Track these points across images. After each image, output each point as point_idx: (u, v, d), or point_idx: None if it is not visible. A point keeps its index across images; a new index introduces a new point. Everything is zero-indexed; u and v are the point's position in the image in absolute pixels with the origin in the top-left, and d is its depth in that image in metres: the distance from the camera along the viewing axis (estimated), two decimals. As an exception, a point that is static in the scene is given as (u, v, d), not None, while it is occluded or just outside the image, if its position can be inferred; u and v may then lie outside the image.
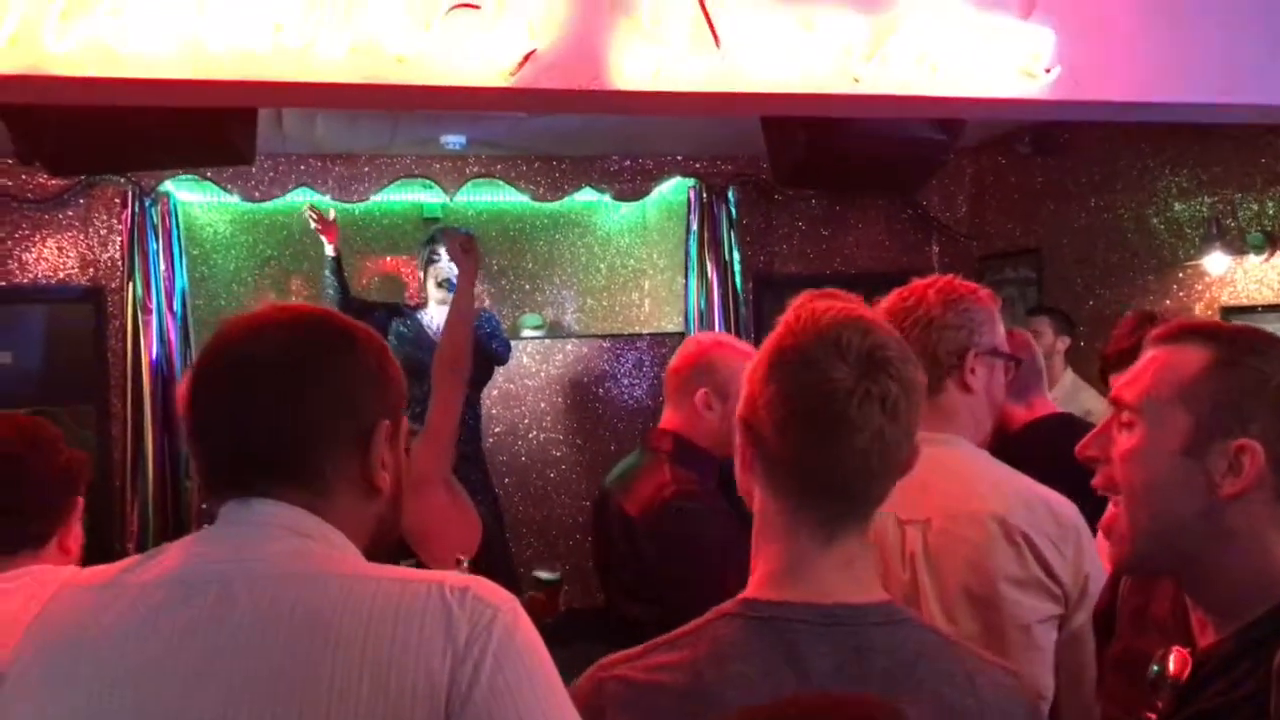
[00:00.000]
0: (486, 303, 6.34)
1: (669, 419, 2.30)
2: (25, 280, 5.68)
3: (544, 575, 2.69)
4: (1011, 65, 3.39)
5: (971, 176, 6.61)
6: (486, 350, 4.86)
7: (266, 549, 1.05)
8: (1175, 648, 1.20)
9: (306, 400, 1.11)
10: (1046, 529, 1.65)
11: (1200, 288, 5.03)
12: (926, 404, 1.68)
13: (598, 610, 2.44)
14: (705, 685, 1.06)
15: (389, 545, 1.22)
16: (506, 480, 5.96)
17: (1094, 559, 1.65)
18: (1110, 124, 4.76)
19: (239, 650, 0.98)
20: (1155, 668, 1.21)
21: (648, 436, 2.34)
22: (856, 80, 3.28)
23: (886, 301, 1.77)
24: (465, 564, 2.25)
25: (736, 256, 6.31)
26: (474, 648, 0.98)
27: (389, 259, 6.24)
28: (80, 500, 1.85)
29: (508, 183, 6.19)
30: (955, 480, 1.69)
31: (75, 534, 1.84)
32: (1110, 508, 1.24)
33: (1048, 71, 3.40)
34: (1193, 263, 5.01)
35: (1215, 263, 4.83)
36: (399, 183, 6.05)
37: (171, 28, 2.72)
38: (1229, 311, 4.82)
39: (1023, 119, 5.23)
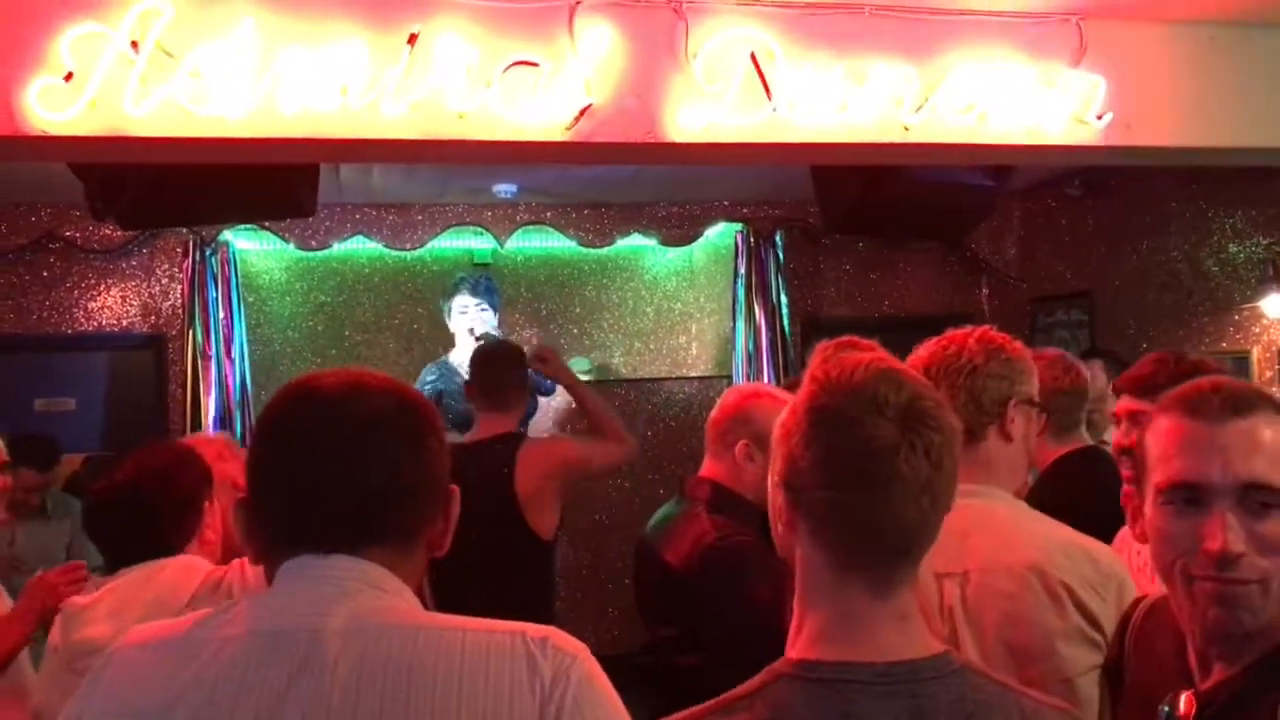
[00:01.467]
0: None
1: (708, 468, 2.31)
2: (90, 328, 5.84)
3: None
4: (1063, 112, 3.41)
5: (1021, 219, 6.60)
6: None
7: (352, 602, 1.07)
8: (1186, 691, 1.21)
9: (411, 463, 1.14)
10: (1087, 576, 1.63)
11: (1257, 330, 4.97)
12: (966, 454, 1.68)
13: (647, 649, 2.44)
14: None
15: None
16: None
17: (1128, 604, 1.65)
18: (1163, 167, 4.75)
19: (338, 703, 1.00)
20: (1166, 709, 1.21)
21: (685, 485, 2.34)
22: (906, 129, 3.32)
23: (925, 351, 1.77)
24: None
25: (784, 300, 6.34)
26: (556, 691, 1.03)
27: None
28: (206, 504, 2.14)
29: (557, 229, 6.28)
30: (992, 533, 1.68)
31: (214, 527, 2.14)
32: (1225, 587, 1.19)
33: (1099, 118, 3.42)
34: (1249, 305, 4.96)
35: (1273, 305, 4.78)
36: (451, 230, 6.16)
37: (245, 91, 2.83)
38: (1287, 354, 4.77)
39: (1074, 164, 5.23)
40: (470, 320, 4.94)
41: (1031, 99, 3.39)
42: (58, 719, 1.09)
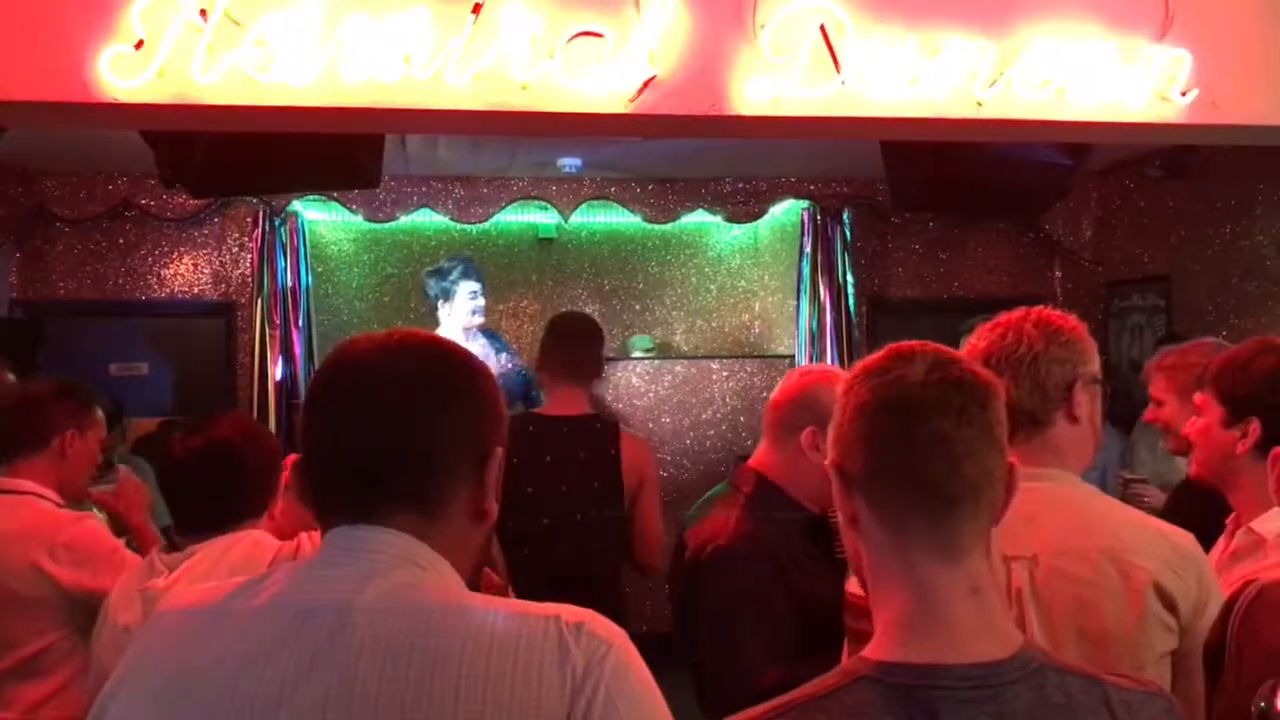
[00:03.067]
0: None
1: (759, 456, 2.19)
2: (163, 295, 5.97)
3: None
4: (1146, 88, 3.28)
5: (1097, 200, 6.41)
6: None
7: (382, 579, 1.05)
8: None
9: (439, 424, 1.12)
10: (1165, 558, 1.59)
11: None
12: (1033, 439, 1.66)
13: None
14: None
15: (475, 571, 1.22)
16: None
17: (1214, 587, 1.60)
18: (1248, 146, 4.57)
19: (361, 681, 0.98)
20: (1263, 704, 1.19)
21: (735, 471, 2.24)
22: (980, 105, 3.22)
23: (982, 340, 1.73)
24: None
25: (850, 279, 6.24)
26: (588, 682, 0.99)
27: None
28: (285, 478, 2.16)
29: (621, 204, 6.25)
30: (1062, 515, 1.64)
31: (281, 506, 2.17)
32: None
33: (1184, 95, 3.28)
34: (1338, 292, 4.76)
35: (1363, 293, 4.58)
36: (516, 204, 6.17)
37: (309, 59, 2.84)
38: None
39: (1156, 143, 5.05)
40: (478, 304, 4.90)
41: (1112, 74, 3.26)
42: None
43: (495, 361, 4.95)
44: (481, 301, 4.91)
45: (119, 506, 2.78)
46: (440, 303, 4.89)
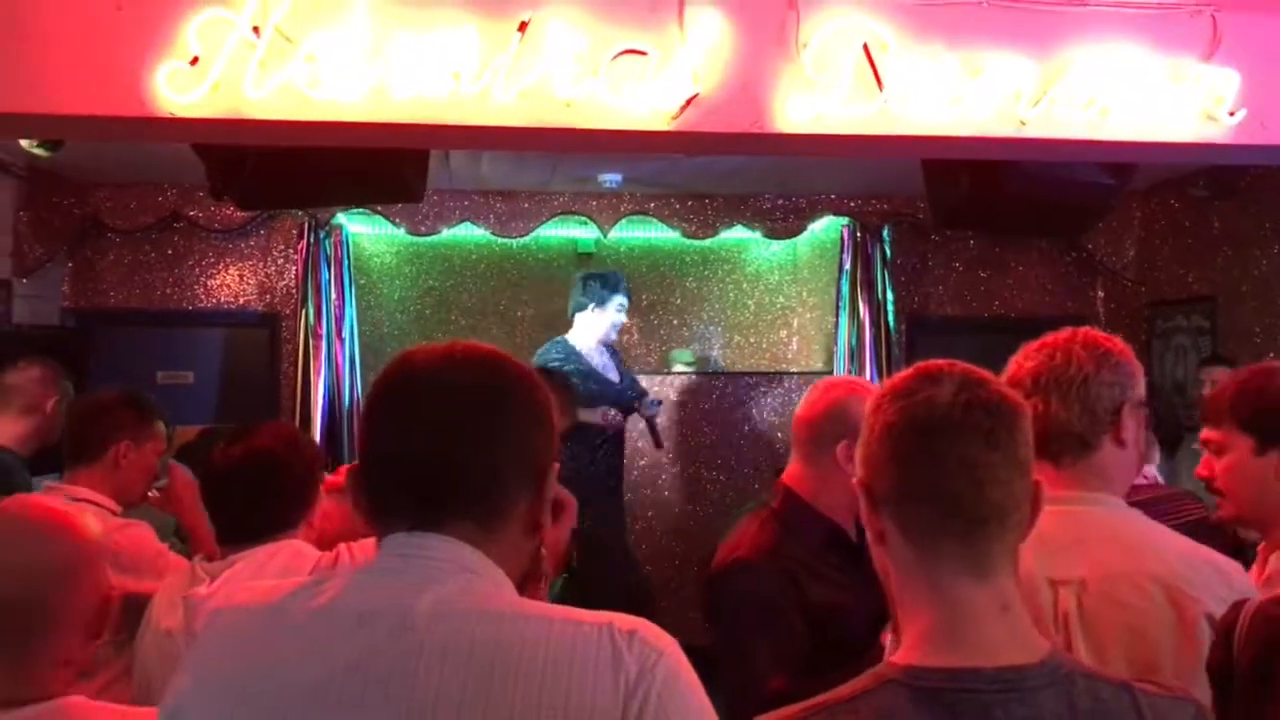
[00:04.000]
0: (635, 336, 6.43)
1: (791, 472, 2.18)
2: (209, 305, 6.07)
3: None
4: (1192, 108, 3.26)
5: (1141, 220, 6.34)
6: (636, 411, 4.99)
7: (440, 585, 1.06)
8: None
9: (499, 437, 1.13)
10: (1216, 590, 1.56)
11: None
12: (1083, 462, 1.65)
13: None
14: None
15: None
16: (650, 513, 6.00)
17: None
18: (1297, 167, 4.51)
19: (420, 684, 1.00)
20: None
21: (772, 484, 2.24)
22: (1023, 124, 3.21)
23: (1031, 362, 1.70)
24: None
25: (890, 297, 6.22)
26: (640, 688, 1.00)
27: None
28: (323, 487, 2.17)
29: (660, 220, 6.28)
30: (1112, 541, 1.62)
31: (321, 512, 2.17)
32: None
33: (1232, 114, 3.26)
34: (1388, 315, 4.68)
35: None
36: (556, 219, 6.21)
37: (359, 76, 2.90)
38: None
39: (1203, 163, 5.00)
40: (621, 320, 4.96)
41: (1158, 94, 3.25)
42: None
43: (615, 374, 4.99)
44: (624, 319, 4.97)
45: (171, 506, 2.83)
46: (591, 307, 4.92)
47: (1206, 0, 3.23)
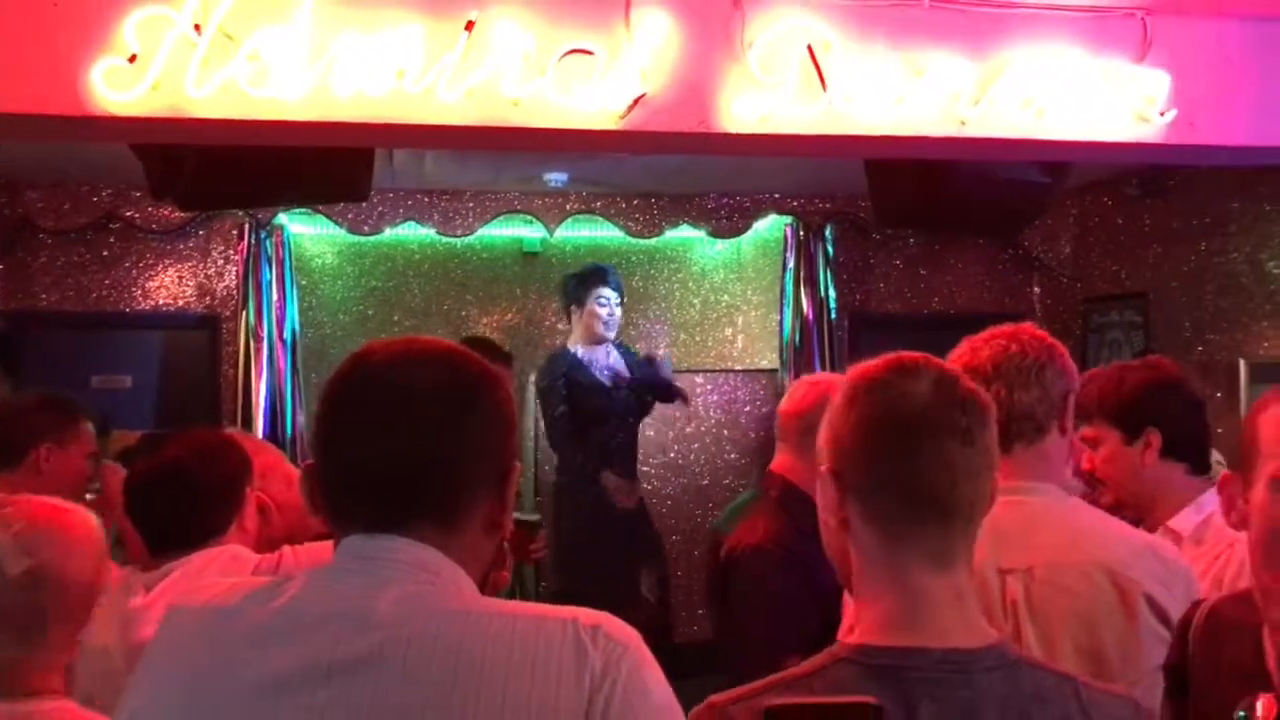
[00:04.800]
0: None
1: (781, 461, 2.32)
2: (146, 307, 5.94)
3: (521, 517, 2.66)
4: (1125, 108, 3.35)
5: (1076, 217, 6.49)
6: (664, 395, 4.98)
7: (400, 586, 1.05)
8: (1263, 695, 1.20)
9: (462, 439, 1.11)
10: (1156, 573, 1.63)
11: (1318, 335, 4.86)
12: (1033, 449, 1.70)
13: (709, 642, 2.47)
14: None
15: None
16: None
17: (1195, 598, 1.63)
18: (1225, 166, 4.65)
19: (384, 686, 0.99)
20: (1241, 714, 1.21)
21: (762, 477, 2.40)
22: (963, 123, 3.28)
23: (987, 349, 1.76)
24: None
25: (832, 294, 6.30)
26: (605, 681, 1.01)
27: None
28: (248, 490, 2.12)
29: (606, 219, 6.29)
30: (1057, 529, 1.68)
31: (252, 516, 2.13)
32: None
33: (1162, 115, 3.35)
34: (1311, 309, 4.85)
35: (1335, 310, 4.67)
36: (501, 218, 6.19)
37: (302, 74, 2.87)
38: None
39: (1135, 162, 5.14)
40: (610, 312, 4.85)
41: (1092, 95, 3.33)
42: (108, 714, 1.11)
43: (625, 370, 4.94)
44: (612, 311, 4.83)
45: (104, 505, 2.76)
46: (573, 308, 4.86)
47: (1138, 4, 3.32)
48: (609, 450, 4.78)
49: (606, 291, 4.84)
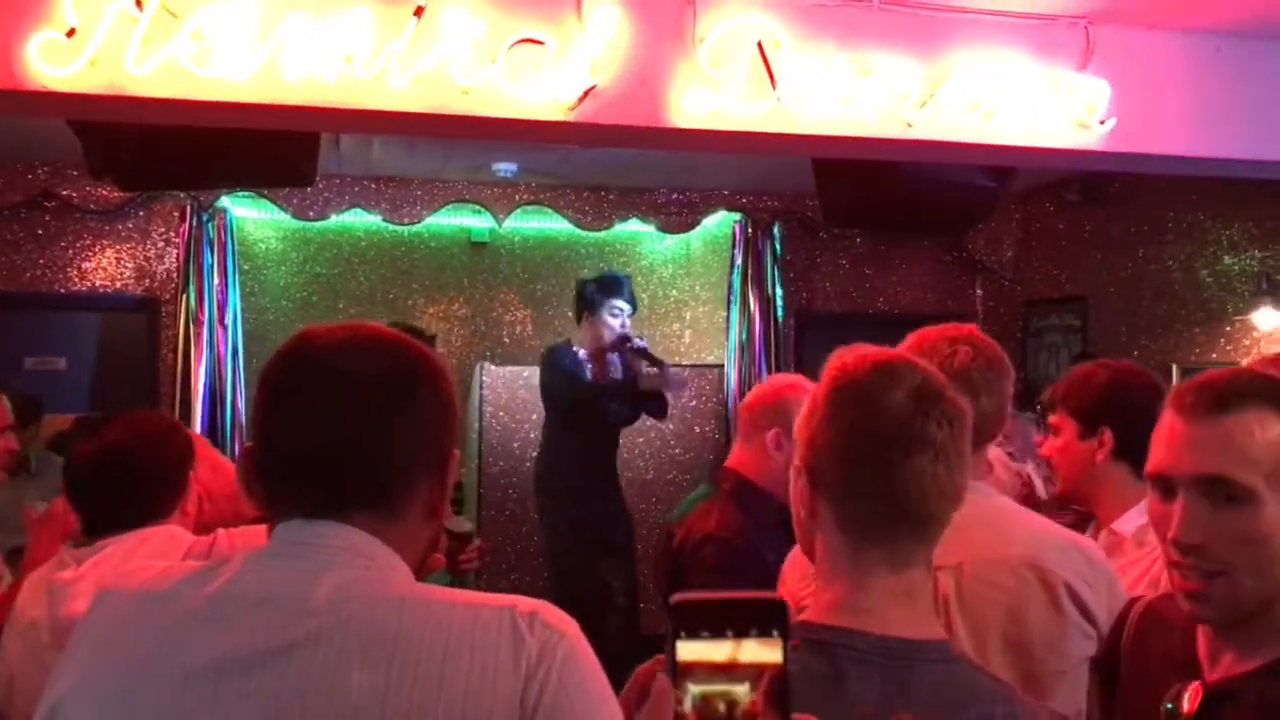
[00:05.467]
0: (528, 328, 6.40)
1: (736, 456, 2.37)
2: (83, 289, 5.82)
3: (452, 528, 2.62)
4: (1066, 115, 3.41)
5: (1019, 222, 6.61)
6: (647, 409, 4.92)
7: (337, 572, 1.04)
8: (1193, 683, 1.24)
9: (404, 428, 1.10)
10: (1081, 570, 1.67)
11: (1248, 342, 4.99)
12: (978, 455, 1.73)
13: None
14: None
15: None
16: (529, 503, 5.99)
17: (1123, 596, 1.68)
18: (1162, 175, 4.76)
19: (318, 673, 0.98)
20: (1169, 705, 1.24)
21: (715, 472, 2.45)
22: (909, 125, 3.31)
23: (962, 356, 1.78)
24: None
25: (779, 292, 6.35)
26: (541, 668, 1.00)
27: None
28: (191, 473, 2.10)
29: (556, 211, 6.27)
30: (985, 527, 1.71)
31: (193, 499, 2.10)
32: (1189, 579, 1.23)
33: (1102, 123, 3.42)
34: (1241, 317, 4.98)
35: (1264, 318, 4.80)
36: (449, 206, 6.15)
37: (248, 55, 2.82)
38: (1277, 367, 4.78)
39: (1076, 169, 5.24)
40: (622, 324, 4.80)
41: (1035, 100, 3.39)
42: (33, 693, 1.08)
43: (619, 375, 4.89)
44: (624, 323, 4.78)
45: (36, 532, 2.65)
46: (586, 315, 4.80)
47: (1081, 12, 3.38)
48: (590, 451, 4.77)
49: (621, 303, 4.81)
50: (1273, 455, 1.20)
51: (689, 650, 0.79)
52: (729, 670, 0.78)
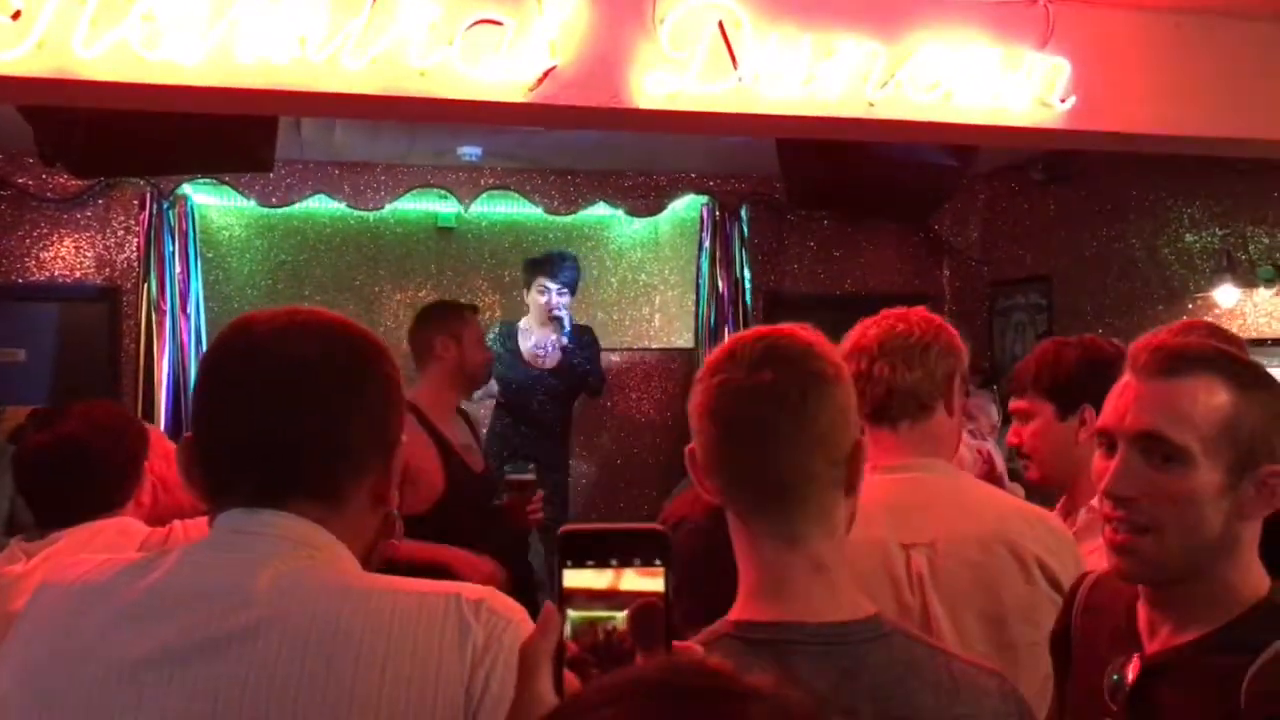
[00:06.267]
0: (497, 314, 6.38)
1: None
2: (42, 278, 5.72)
3: (514, 475, 2.49)
4: (1026, 94, 3.42)
5: (984, 202, 6.63)
6: (581, 384, 5.11)
7: (280, 562, 1.03)
8: (1134, 655, 1.27)
9: (349, 415, 1.09)
10: (1048, 543, 1.71)
11: (1209, 320, 5.04)
12: (920, 426, 1.75)
13: None
14: None
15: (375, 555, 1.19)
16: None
17: (1083, 566, 1.71)
18: (1124, 154, 4.80)
19: (255, 662, 0.97)
20: (1115, 676, 1.27)
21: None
22: (871, 105, 3.31)
23: (875, 329, 1.80)
24: None
25: (748, 274, 6.35)
26: (488, 656, 0.99)
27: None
28: (145, 464, 2.09)
29: (522, 195, 6.23)
30: (953, 504, 1.75)
31: (148, 490, 2.09)
32: (1119, 532, 1.26)
33: (1063, 101, 3.43)
34: (1202, 294, 5.03)
35: (1225, 295, 4.85)
36: (414, 192, 6.10)
37: (200, 37, 2.77)
38: (1238, 344, 4.84)
39: (1037, 147, 5.26)
40: (548, 302, 4.94)
41: (996, 79, 3.40)
42: None
43: (551, 358, 5.00)
44: (551, 302, 4.90)
45: None
46: (524, 292, 4.99)
47: (1041, -9, 3.39)
48: (526, 430, 4.86)
49: (547, 282, 4.93)
50: (1212, 422, 1.22)
51: (574, 578, 0.81)
52: (610, 598, 0.81)
